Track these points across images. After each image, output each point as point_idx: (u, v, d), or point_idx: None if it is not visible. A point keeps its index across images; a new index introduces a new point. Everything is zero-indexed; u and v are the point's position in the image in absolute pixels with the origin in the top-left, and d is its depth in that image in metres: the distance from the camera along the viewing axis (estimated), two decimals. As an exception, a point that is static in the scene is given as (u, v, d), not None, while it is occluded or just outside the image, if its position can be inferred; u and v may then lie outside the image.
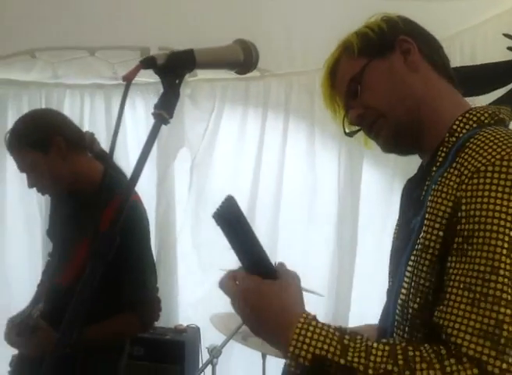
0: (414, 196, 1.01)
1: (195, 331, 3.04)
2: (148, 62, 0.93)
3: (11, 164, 3.15)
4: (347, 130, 1.11)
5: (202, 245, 3.24)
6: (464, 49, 2.45)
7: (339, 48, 1.09)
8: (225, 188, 3.18)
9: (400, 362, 0.79)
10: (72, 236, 1.94)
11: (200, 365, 2.91)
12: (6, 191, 3.29)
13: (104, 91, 3.21)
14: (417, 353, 0.80)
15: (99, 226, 1.73)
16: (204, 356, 2.92)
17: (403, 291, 0.92)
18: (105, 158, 2.04)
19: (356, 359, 0.81)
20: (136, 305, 1.89)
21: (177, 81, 0.94)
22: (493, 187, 0.82)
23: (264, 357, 2.60)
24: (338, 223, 3.11)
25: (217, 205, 0.92)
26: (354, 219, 3.10)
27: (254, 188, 3.21)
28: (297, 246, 3.15)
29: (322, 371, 0.83)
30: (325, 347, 0.83)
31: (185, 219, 3.27)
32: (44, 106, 3.14)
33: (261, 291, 0.92)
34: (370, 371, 0.79)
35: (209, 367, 2.48)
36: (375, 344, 0.83)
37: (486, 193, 0.82)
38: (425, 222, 0.89)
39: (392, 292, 0.98)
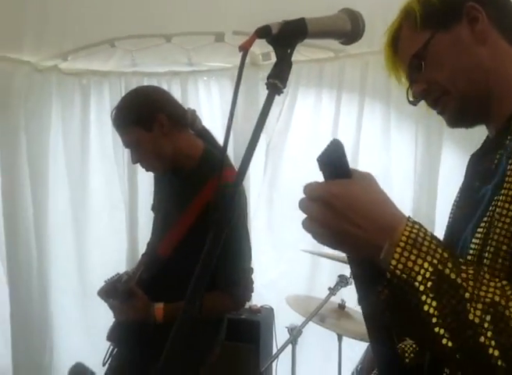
0: (480, 168, 0.98)
1: (269, 312, 3.07)
2: (263, 32, 0.93)
3: (94, 148, 3.36)
4: (411, 99, 1.07)
5: (276, 227, 3.26)
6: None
7: (400, 14, 1.05)
8: (300, 171, 3.17)
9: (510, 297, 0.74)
10: (171, 211, 2.02)
11: (274, 345, 2.97)
12: (89, 176, 3.41)
13: (180, 78, 3.26)
14: None
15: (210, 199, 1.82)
16: (279, 337, 2.98)
17: (469, 257, 0.87)
18: (206, 136, 2.08)
19: (465, 284, 0.75)
20: (231, 286, 1.92)
21: (289, 51, 0.94)
22: None
23: (340, 338, 2.61)
24: (414, 209, 3.03)
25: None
26: (431, 205, 3.01)
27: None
28: None
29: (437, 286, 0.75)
30: (437, 257, 0.75)
31: (259, 201, 3.29)
32: (124, 94, 3.21)
33: (350, 193, 0.80)
34: (477, 298, 0.74)
35: (289, 347, 2.51)
36: (486, 275, 0.78)
37: None
38: (503, 191, 0.84)
39: None
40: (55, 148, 3.36)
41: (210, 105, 3.29)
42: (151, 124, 1.91)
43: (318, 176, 2.96)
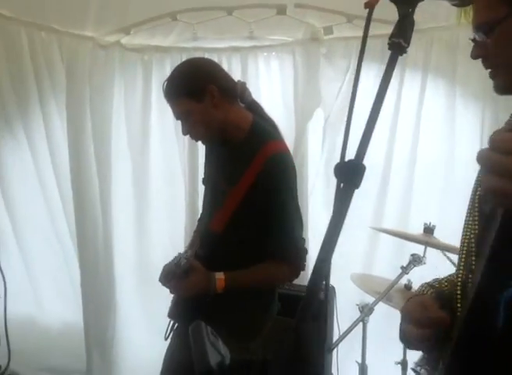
0: None
1: (331, 290, 3.05)
2: None
3: (155, 122, 3.42)
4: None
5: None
6: None
7: None
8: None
9: None
10: (220, 184, 2.05)
11: (335, 323, 2.96)
12: (150, 150, 3.48)
13: (240, 53, 3.25)
14: None
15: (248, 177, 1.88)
16: (343, 314, 3.00)
17: None
18: (256, 109, 2.09)
19: None
20: (286, 252, 1.95)
21: (410, 10, 0.97)
22: None
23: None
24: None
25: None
26: None
27: (388, 151, 3.14)
28: (431, 214, 3.00)
29: None
30: None
31: (316, 179, 3.27)
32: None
33: None
34: None
35: (359, 325, 2.54)
36: None
37: None
38: None
39: None
40: (117, 123, 3.42)
41: (269, 81, 3.26)
42: (202, 95, 1.93)
43: (379, 155, 2.94)
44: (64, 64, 3.35)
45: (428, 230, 2.56)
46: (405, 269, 2.48)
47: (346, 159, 0.93)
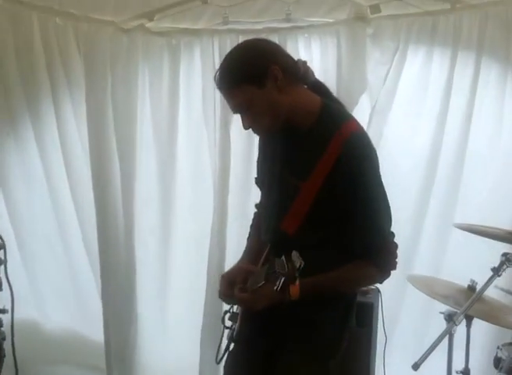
0: None
1: (376, 293, 3.08)
2: None
3: (183, 113, 3.44)
4: None
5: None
6: None
7: None
8: (405, 136, 3.24)
9: None
10: (291, 180, 1.95)
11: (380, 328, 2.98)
12: (177, 142, 3.53)
13: (278, 35, 3.29)
14: None
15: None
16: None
17: None
18: (321, 89, 2.02)
19: None
20: (373, 251, 1.89)
21: None
22: None
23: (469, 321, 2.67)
24: None
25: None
26: None
27: (437, 137, 3.20)
28: (479, 204, 3.14)
29: None
30: None
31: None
32: (216, 54, 3.29)
33: None
34: None
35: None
36: None
37: None
38: None
39: None
40: (142, 113, 3.49)
41: (310, 65, 3.28)
42: (264, 79, 1.83)
43: (426, 142, 3.01)
44: (81, 53, 3.40)
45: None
46: (496, 271, 2.39)
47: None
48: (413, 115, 3.24)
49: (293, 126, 1.93)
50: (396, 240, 1.98)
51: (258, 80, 1.83)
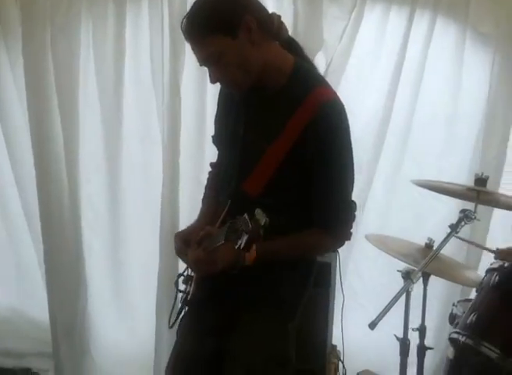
0: None
1: (333, 252, 3.06)
2: None
3: (129, 70, 3.28)
4: None
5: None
6: None
7: None
8: (359, 97, 3.20)
9: None
10: (256, 140, 1.89)
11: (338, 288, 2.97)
12: (123, 103, 3.36)
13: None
14: None
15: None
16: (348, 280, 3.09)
17: None
18: (294, 47, 1.95)
19: None
20: (335, 221, 1.89)
21: None
22: None
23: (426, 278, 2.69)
24: (483, 146, 3.13)
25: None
26: (502, 143, 3.09)
27: (390, 95, 3.18)
28: (430, 156, 3.24)
29: None
30: None
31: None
32: (165, 4, 3.12)
33: None
34: None
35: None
36: None
37: None
38: None
39: None
40: (85, 67, 3.29)
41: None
42: (237, 29, 1.74)
43: (379, 101, 3.04)
44: (18, 3, 3.22)
45: (481, 181, 2.53)
46: (455, 228, 2.37)
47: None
48: (367, 73, 3.21)
49: (262, 85, 1.86)
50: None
51: (230, 30, 1.74)
